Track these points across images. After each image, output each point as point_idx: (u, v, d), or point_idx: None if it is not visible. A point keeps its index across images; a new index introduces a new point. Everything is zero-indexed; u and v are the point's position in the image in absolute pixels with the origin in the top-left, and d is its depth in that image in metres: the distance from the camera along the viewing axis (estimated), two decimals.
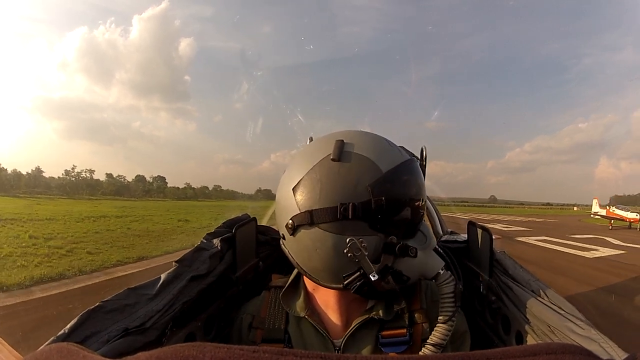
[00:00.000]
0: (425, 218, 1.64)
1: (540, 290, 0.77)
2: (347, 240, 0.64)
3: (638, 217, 22.06)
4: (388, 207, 0.65)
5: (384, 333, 0.73)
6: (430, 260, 0.71)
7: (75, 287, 6.90)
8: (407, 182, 0.69)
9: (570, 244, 13.60)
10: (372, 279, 0.65)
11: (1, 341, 0.88)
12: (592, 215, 27.43)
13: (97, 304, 0.61)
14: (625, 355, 0.30)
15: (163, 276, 0.75)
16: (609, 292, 6.46)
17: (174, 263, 0.81)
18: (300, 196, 0.67)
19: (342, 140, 0.68)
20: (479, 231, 0.99)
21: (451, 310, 0.70)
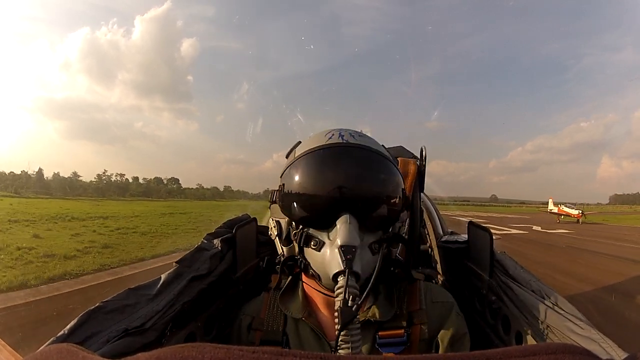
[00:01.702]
0: (426, 217, 1.63)
1: (541, 291, 0.77)
2: (270, 220, 0.76)
3: (579, 213, 27.88)
4: (286, 190, 0.70)
5: (382, 333, 0.73)
6: (327, 260, 0.62)
7: None
8: (308, 165, 0.69)
9: (497, 227, 17.79)
10: (278, 257, 0.74)
11: (1, 342, 0.88)
12: (548, 212, 32.66)
13: (97, 304, 0.61)
14: (625, 355, 0.30)
15: (163, 276, 0.75)
16: None
17: (174, 263, 0.81)
18: None
19: (300, 141, 0.77)
20: (480, 231, 0.99)
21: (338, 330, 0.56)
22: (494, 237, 0.96)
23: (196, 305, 0.78)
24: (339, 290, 0.57)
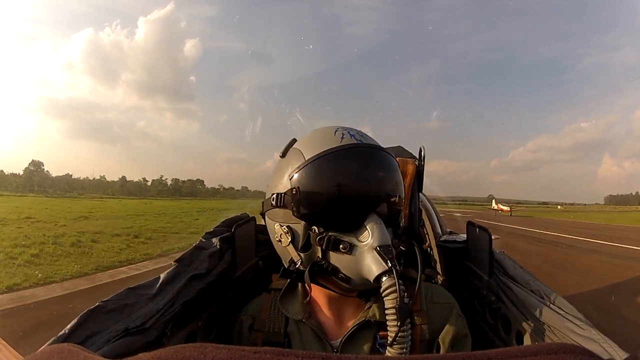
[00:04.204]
0: (424, 217, 1.64)
1: (540, 291, 0.77)
2: (275, 226, 0.71)
3: (508, 209, 39.97)
4: (304, 195, 0.66)
5: (382, 333, 0.73)
6: (366, 262, 0.63)
7: None
8: (328, 168, 0.67)
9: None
10: (295, 266, 0.69)
11: (1, 341, 0.88)
12: (491, 208, 43.27)
13: (96, 304, 0.61)
14: (626, 355, 0.30)
15: (162, 276, 0.75)
16: None
17: (173, 262, 0.80)
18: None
19: (294, 139, 0.75)
20: (478, 231, 0.99)
21: (393, 331, 0.60)
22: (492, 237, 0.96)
23: (196, 304, 0.78)
24: (389, 290, 0.59)
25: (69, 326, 0.55)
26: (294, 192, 0.67)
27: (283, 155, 0.74)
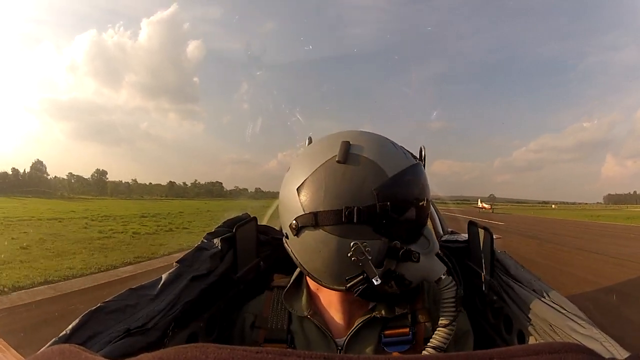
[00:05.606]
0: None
1: (542, 290, 0.77)
2: (352, 244, 0.63)
3: (489, 206, 45.95)
4: (393, 212, 0.64)
5: (387, 332, 0.73)
6: (432, 265, 0.71)
7: None
8: (412, 187, 0.69)
9: None
10: (375, 283, 0.64)
11: (2, 342, 0.88)
12: (475, 207, 48.17)
13: (98, 304, 0.61)
14: (627, 355, 0.30)
15: (164, 276, 0.75)
16: None
17: (174, 263, 0.80)
18: (304, 197, 0.66)
19: (348, 142, 0.67)
20: (480, 231, 0.99)
21: (452, 315, 0.69)
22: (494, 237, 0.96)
23: (197, 305, 0.78)
24: (450, 284, 0.70)
25: (70, 327, 0.55)
26: (385, 209, 0.64)
27: (344, 160, 0.66)
